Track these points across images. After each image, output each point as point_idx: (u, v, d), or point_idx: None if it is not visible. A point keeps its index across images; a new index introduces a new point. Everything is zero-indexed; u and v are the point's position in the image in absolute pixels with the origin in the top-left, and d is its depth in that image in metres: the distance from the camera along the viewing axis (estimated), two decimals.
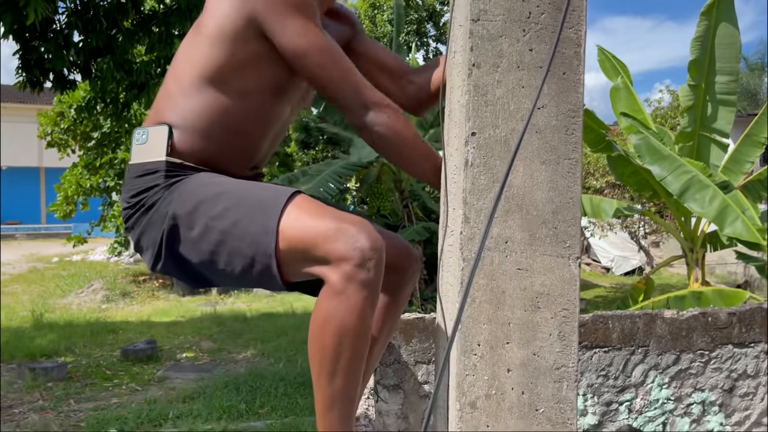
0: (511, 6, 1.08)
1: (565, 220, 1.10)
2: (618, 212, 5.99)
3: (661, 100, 14.05)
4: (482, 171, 1.08)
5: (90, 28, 6.81)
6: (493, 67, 1.08)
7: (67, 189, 10.83)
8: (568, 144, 1.10)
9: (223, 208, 1.19)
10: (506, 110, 1.08)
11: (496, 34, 1.08)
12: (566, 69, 1.09)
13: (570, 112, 1.09)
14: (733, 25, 5.18)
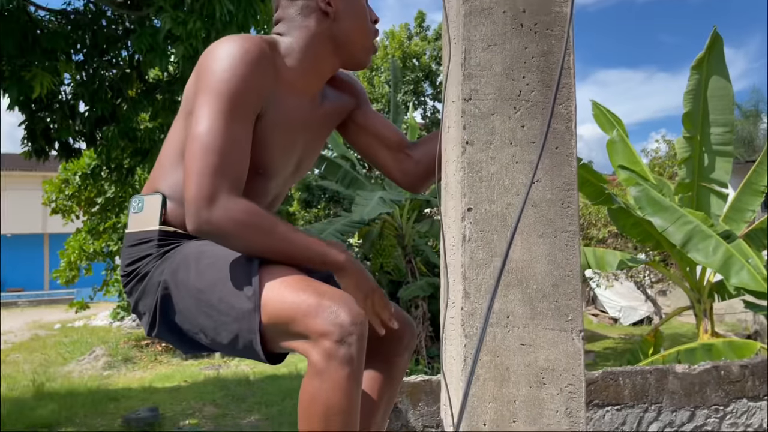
0: (502, 85, 1.11)
1: (566, 293, 1.09)
2: (622, 264, 5.97)
3: (658, 150, 14.21)
4: (480, 246, 1.08)
5: (95, 98, 6.97)
6: (486, 144, 1.10)
7: (70, 254, 10.85)
8: (564, 217, 1.11)
9: (210, 282, 1.18)
10: (501, 185, 1.09)
11: (487, 112, 1.10)
12: (558, 144, 1.11)
13: (565, 185, 1.11)
14: (724, 78, 5.29)
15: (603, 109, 6.48)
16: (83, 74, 7.13)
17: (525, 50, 1.11)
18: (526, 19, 1.12)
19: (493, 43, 1.11)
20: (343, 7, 1.30)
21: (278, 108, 1.27)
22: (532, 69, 1.11)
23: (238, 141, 1.16)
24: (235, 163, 1.15)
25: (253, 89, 1.19)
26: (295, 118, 1.33)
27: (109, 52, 7.16)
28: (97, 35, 6.90)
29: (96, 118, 7.08)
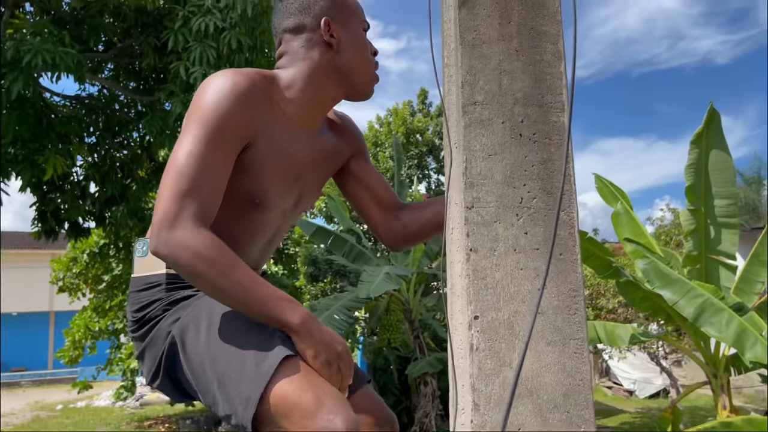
0: (503, 192, 1.12)
1: (577, 403, 1.07)
2: (634, 338, 5.85)
3: (663, 218, 14.23)
4: (488, 355, 1.07)
5: (106, 179, 7.10)
6: (490, 251, 1.10)
7: (75, 333, 10.77)
8: (572, 324, 1.10)
9: (219, 354, 1.16)
10: (507, 293, 1.09)
11: (490, 220, 1.11)
12: (563, 250, 1.12)
13: (571, 291, 1.11)
14: (724, 151, 5.35)
15: (605, 181, 6.54)
16: (95, 156, 7.29)
17: (525, 159, 1.14)
18: (524, 129, 1.15)
19: (493, 153, 1.13)
20: (346, 39, 1.35)
21: (273, 138, 1.27)
22: (532, 177, 1.14)
23: (214, 169, 1.15)
24: (205, 190, 1.13)
25: (239, 120, 1.18)
26: (292, 149, 1.32)
27: (121, 134, 7.35)
28: (110, 119, 7.11)
29: (106, 198, 7.18)
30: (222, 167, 1.17)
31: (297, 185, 1.40)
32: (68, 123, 6.49)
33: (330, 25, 1.34)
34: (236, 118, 1.18)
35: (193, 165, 1.12)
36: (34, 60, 4.82)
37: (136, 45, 6.33)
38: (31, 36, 5.14)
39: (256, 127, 1.23)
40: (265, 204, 1.32)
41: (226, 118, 1.16)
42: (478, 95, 1.14)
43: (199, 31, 5.19)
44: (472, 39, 1.15)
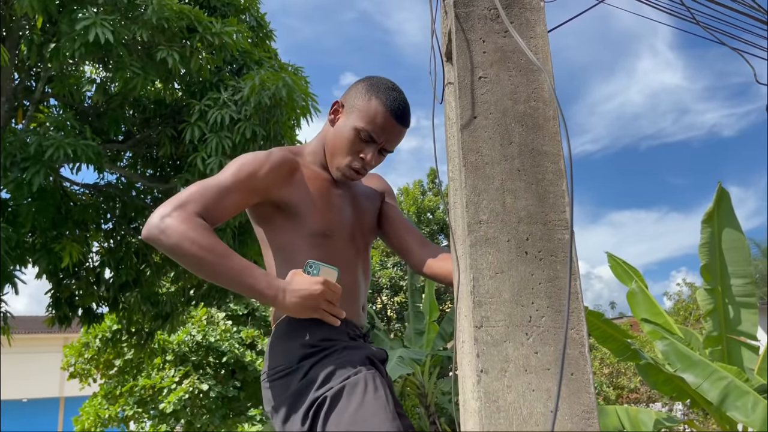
0: (512, 311, 1.13)
1: None
2: (659, 424, 5.64)
3: (680, 293, 14.01)
4: None
5: (120, 265, 7.17)
6: (501, 372, 1.10)
7: (84, 421, 10.56)
8: None
9: None
10: (519, 415, 1.08)
11: (500, 339, 1.11)
12: (574, 369, 1.11)
13: (584, 413, 1.09)
14: (736, 230, 5.34)
15: (618, 260, 6.51)
16: (111, 242, 7.39)
17: (532, 276, 1.15)
18: (530, 247, 1.17)
19: (500, 271, 1.15)
20: (339, 125, 1.59)
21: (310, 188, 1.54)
22: (540, 295, 1.14)
23: (222, 194, 1.41)
24: (210, 205, 1.39)
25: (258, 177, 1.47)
26: (322, 186, 1.57)
27: (137, 220, 7.48)
28: (127, 206, 7.26)
29: (120, 283, 7.22)
30: (232, 200, 1.44)
31: (350, 214, 1.63)
32: (86, 211, 6.62)
33: (338, 108, 1.62)
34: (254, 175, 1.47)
35: (206, 186, 1.42)
36: (56, 153, 5.00)
37: (155, 135, 6.55)
38: (54, 130, 5.35)
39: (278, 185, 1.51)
40: (334, 233, 1.55)
41: (245, 173, 1.46)
42: (483, 214, 1.17)
43: (215, 122, 5.38)
44: (474, 160, 1.19)
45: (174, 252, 1.30)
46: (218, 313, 11.41)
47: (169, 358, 10.64)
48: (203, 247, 1.29)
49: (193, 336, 10.73)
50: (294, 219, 1.52)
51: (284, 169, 1.52)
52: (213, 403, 10.50)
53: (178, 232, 1.29)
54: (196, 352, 10.74)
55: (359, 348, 1.47)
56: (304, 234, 1.52)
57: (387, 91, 1.56)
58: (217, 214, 1.41)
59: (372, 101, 1.55)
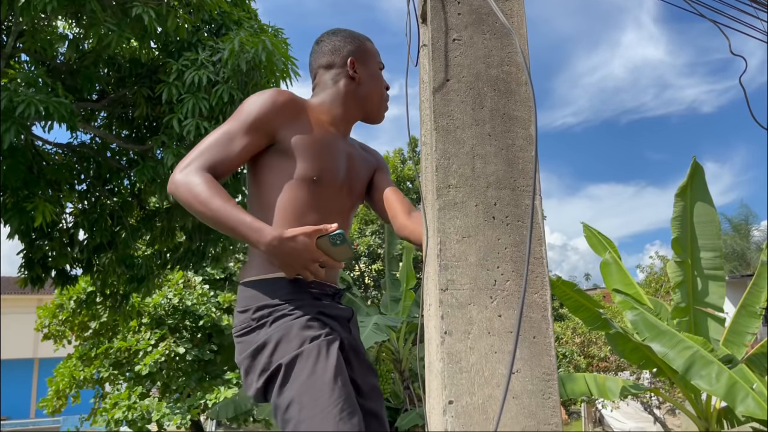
0: (477, 275, 1.14)
1: None
2: (625, 391, 5.80)
3: (653, 266, 14.27)
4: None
5: (95, 227, 7.07)
6: (465, 334, 1.11)
7: (59, 382, 10.54)
8: (546, 408, 1.10)
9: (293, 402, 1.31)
10: (481, 377, 1.09)
11: (465, 302, 1.12)
12: (536, 333, 1.13)
13: (544, 375, 1.11)
14: (708, 204, 5.43)
15: (594, 231, 6.59)
16: (85, 203, 7.28)
17: (498, 241, 1.16)
18: (497, 212, 1.17)
19: (467, 235, 1.15)
20: (365, 75, 1.70)
21: (312, 132, 1.58)
22: (505, 259, 1.15)
23: (231, 143, 1.50)
24: (217, 153, 1.49)
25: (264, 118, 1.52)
26: (331, 139, 1.61)
27: (112, 181, 7.35)
28: (101, 166, 7.12)
29: (94, 245, 7.13)
30: (240, 144, 1.51)
31: (345, 168, 1.66)
32: (59, 171, 6.50)
33: (354, 64, 1.70)
34: (262, 116, 1.52)
35: (216, 136, 1.52)
36: (27, 110, 4.87)
37: (130, 95, 6.41)
38: (25, 87, 5.20)
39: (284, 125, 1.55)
40: (323, 180, 1.57)
41: (254, 115, 1.52)
42: (452, 179, 1.17)
43: (192, 83, 5.27)
44: (446, 124, 1.18)
45: (186, 207, 1.45)
46: (195, 277, 11.38)
47: (145, 321, 10.62)
48: (202, 202, 1.40)
49: (169, 299, 10.70)
50: (287, 159, 1.55)
51: (291, 108, 1.57)
52: (189, 366, 10.55)
53: (185, 189, 1.43)
54: (172, 315, 10.72)
55: (319, 309, 1.47)
56: (291, 176, 1.55)
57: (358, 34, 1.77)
58: (228, 163, 1.50)
59: (365, 46, 1.73)
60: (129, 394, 10.19)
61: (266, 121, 1.53)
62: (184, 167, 1.46)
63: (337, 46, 1.72)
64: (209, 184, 1.43)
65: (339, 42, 1.73)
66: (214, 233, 7.16)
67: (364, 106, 1.71)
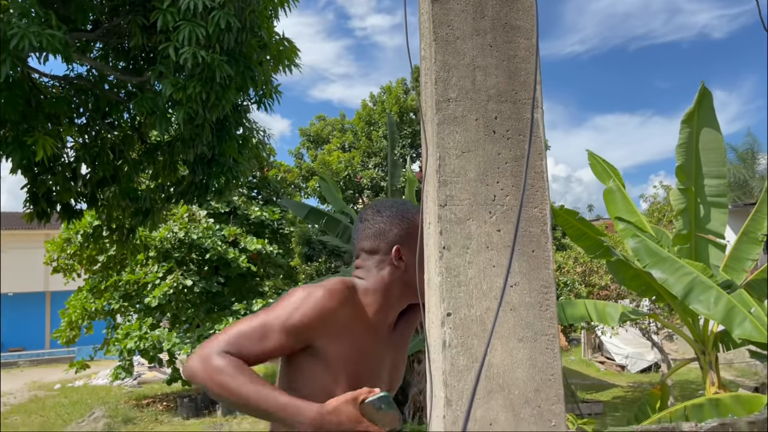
0: (476, 190, 1.13)
1: (548, 398, 1.09)
2: (624, 317, 5.91)
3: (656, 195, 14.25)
4: (460, 351, 1.09)
5: (97, 160, 7.05)
6: (463, 248, 1.11)
7: (71, 314, 10.80)
8: (543, 320, 1.11)
9: None
10: (479, 290, 1.10)
11: (463, 218, 1.12)
12: (535, 247, 1.13)
13: (542, 288, 1.12)
14: (715, 130, 5.35)
15: (599, 159, 6.54)
16: (85, 137, 7.23)
17: (498, 156, 1.14)
18: (498, 126, 1.15)
19: (467, 150, 1.13)
20: (411, 260, 1.56)
21: (355, 341, 1.49)
22: (505, 174, 1.14)
23: (264, 336, 1.39)
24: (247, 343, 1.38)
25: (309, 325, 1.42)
26: (373, 348, 1.55)
27: (111, 115, 7.28)
28: (100, 99, 7.04)
29: (97, 179, 7.14)
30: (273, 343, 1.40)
31: (383, 375, 1.61)
32: (57, 104, 6.42)
33: (400, 252, 1.58)
34: (305, 323, 1.42)
35: (249, 326, 1.41)
36: (21, 43, 4.76)
37: (125, 24, 6.24)
38: (18, 18, 5.06)
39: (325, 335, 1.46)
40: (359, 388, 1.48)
41: (296, 319, 1.42)
42: (452, 92, 1.14)
43: (188, 9, 5.11)
44: (445, 35, 1.15)
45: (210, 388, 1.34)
46: (200, 211, 11.45)
47: (152, 254, 10.76)
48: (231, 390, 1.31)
49: (175, 233, 10.80)
50: (324, 369, 1.48)
51: (337, 318, 1.46)
52: (197, 297, 10.76)
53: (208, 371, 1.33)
54: (178, 249, 10.86)
55: None
56: (326, 384, 1.47)
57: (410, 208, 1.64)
58: (256, 359, 1.40)
59: (414, 224, 1.59)
60: (140, 324, 10.46)
61: (307, 329, 1.43)
62: (213, 350, 1.35)
63: (381, 230, 1.62)
64: (237, 369, 1.33)
65: (384, 225, 1.62)
66: (217, 167, 7.15)
67: (411, 291, 1.59)
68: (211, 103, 5.68)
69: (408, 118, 14.11)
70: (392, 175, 9.30)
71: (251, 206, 12.44)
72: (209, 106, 5.74)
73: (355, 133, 14.97)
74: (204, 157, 6.98)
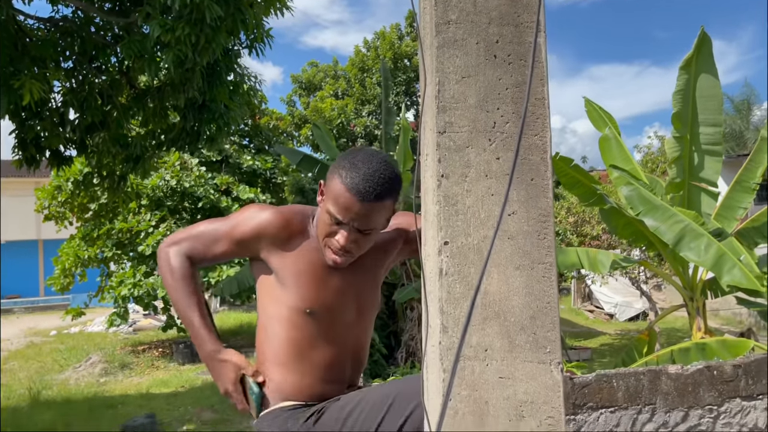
0: (476, 117, 1.10)
1: (544, 325, 1.09)
2: (615, 264, 5.97)
3: (650, 146, 14.23)
4: (457, 279, 1.08)
5: (85, 106, 6.93)
6: (462, 177, 1.09)
7: (64, 261, 10.81)
8: (541, 248, 1.10)
9: None
10: (477, 218, 1.09)
11: (462, 145, 1.10)
12: (534, 175, 1.11)
13: (541, 216, 1.10)
14: (713, 77, 5.29)
15: (595, 106, 6.47)
16: (73, 81, 7.08)
17: (499, 81, 1.11)
18: (499, 50, 1.11)
19: (467, 75, 1.10)
20: (321, 207, 1.58)
21: (304, 258, 1.57)
22: (506, 100, 1.11)
23: (214, 241, 1.60)
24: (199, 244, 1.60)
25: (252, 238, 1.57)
26: (318, 262, 1.57)
27: (99, 59, 7.12)
28: (86, 42, 6.85)
29: (86, 125, 7.03)
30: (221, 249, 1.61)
31: (349, 296, 1.62)
32: (44, 47, 6.24)
33: (320, 190, 1.61)
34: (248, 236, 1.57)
35: (205, 229, 1.63)
36: None
37: None
38: None
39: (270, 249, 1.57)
40: (317, 314, 1.56)
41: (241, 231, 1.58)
42: (452, 13, 1.10)
43: None
44: None
45: (162, 278, 1.60)
46: (191, 159, 11.34)
47: (144, 202, 10.71)
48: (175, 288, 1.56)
49: (167, 181, 10.73)
50: (280, 288, 1.57)
51: (282, 236, 1.56)
52: None
53: (165, 266, 1.58)
54: (171, 197, 10.80)
55: None
56: (286, 307, 1.56)
57: (352, 167, 1.51)
58: (206, 260, 1.62)
59: (335, 181, 1.53)
60: (134, 272, 10.49)
61: (251, 241, 1.58)
62: (173, 245, 1.60)
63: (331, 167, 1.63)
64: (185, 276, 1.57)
65: (332, 165, 1.61)
66: (208, 112, 7.04)
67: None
68: (200, 46, 5.54)
69: (402, 65, 13.88)
70: (386, 123, 9.20)
71: (243, 155, 12.34)
72: (199, 49, 5.60)
73: (348, 80, 14.73)
74: (195, 102, 6.87)
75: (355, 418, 1.44)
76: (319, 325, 1.56)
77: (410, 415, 1.38)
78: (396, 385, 1.48)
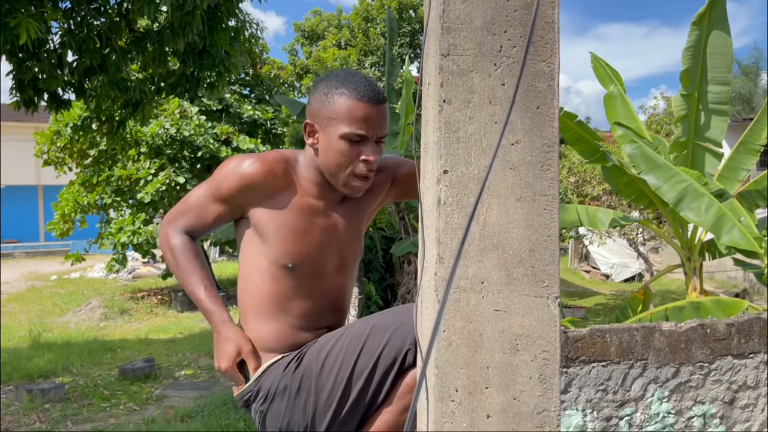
0: (482, 40, 1.05)
1: (543, 258, 1.06)
2: (614, 222, 5.96)
3: (656, 107, 14.05)
4: (455, 209, 1.05)
5: (83, 48, 6.80)
6: (465, 103, 1.05)
7: (64, 207, 10.80)
8: (543, 180, 1.07)
9: None
10: (479, 147, 1.05)
11: (466, 69, 1.05)
12: (540, 103, 1.06)
13: (545, 147, 1.07)
14: (725, 33, 5.16)
15: (602, 62, 6.35)
16: (71, 22, 6.93)
17: (507, 3, 1.05)
18: None
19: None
20: (323, 144, 1.50)
21: (290, 210, 1.52)
22: (514, 23, 1.06)
23: (204, 207, 1.56)
24: (195, 217, 1.58)
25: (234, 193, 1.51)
26: (303, 213, 1.54)
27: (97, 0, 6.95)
28: None
29: (84, 68, 6.91)
30: (212, 213, 1.56)
31: (331, 248, 1.58)
32: None
33: (309, 130, 1.54)
34: (230, 191, 1.52)
35: (195, 198, 1.58)
36: None
37: None
38: None
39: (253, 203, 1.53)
40: (299, 267, 1.53)
41: (221, 188, 1.52)
42: None
43: None
44: None
45: (165, 260, 1.64)
46: (191, 108, 11.20)
47: (143, 150, 10.63)
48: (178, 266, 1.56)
49: (166, 129, 10.62)
50: (261, 242, 1.54)
51: (266, 185, 1.51)
52: None
53: (166, 247, 1.58)
54: (170, 145, 10.71)
55: None
56: (267, 260, 1.53)
57: (347, 81, 1.47)
58: (203, 228, 1.59)
59: (339, 100, 1.46)
60: (133, 219, 10.49)
61: (233, 197, 1.52)
62: (170, 223, 1.59)
63: (310, 103, 1.54)
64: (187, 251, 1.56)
65: (312, 98, 1.53)
66: (208, 58, 6.92)
67: (327, 176, 1.54)
68: None
69: (408, 16, 13.56)
70: (389, 74, 9.03)
71: (244, 105, 12.18)
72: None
73: (351, 30, 14.42)
74: (194, 47, 6.74)
75: (335, 357, 1.43)
76: (300, 277, 1.55)
77: (387, 343, 1.38)
78: (372, 318, 1.47)
